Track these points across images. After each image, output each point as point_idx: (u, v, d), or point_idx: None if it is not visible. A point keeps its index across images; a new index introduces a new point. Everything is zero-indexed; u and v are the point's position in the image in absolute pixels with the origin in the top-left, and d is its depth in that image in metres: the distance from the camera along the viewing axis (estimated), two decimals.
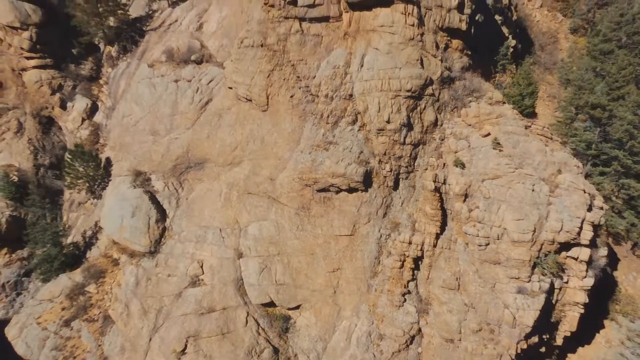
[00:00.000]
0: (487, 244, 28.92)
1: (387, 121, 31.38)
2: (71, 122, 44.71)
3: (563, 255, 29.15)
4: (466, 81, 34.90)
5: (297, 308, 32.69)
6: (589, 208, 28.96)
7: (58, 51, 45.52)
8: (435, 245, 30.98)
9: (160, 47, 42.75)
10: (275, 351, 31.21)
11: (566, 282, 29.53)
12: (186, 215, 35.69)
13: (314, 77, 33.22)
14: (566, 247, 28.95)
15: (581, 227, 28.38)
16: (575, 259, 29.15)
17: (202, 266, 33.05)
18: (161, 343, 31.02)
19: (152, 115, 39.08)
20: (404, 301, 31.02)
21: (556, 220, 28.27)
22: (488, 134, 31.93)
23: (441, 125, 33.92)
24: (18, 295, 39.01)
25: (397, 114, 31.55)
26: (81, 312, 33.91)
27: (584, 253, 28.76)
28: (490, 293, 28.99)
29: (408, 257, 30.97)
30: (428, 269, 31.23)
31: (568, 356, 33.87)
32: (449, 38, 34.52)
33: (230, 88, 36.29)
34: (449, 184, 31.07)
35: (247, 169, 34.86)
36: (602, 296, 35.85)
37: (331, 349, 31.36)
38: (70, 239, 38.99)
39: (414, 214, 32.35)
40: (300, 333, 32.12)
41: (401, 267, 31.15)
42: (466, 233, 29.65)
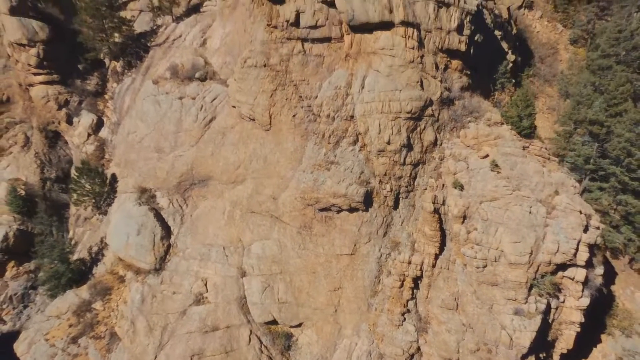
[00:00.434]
0: (485, 266, 29.42)
1: (388, 142, 31.98)
2: (77, 137, 45.47)
3: (559, 275, 29.54)
4: (465, 101, 35.32)
5: (299, 326, 33.33)
6: (585, 229, 29.34)
7: (65, 67, 46.20)
8: (434, 265, 31.51)
9: (164, 63, 43.34)
10: None
11: (562, 302, 29.98)
12: (190, 232, 36.39)
13: (316, 97, 33.80)
14: (562, 268, 29.35)
15: (577, 249, 28.75)
16: (571, 279, 29.56)
17: (206, 284, 33.74)
18: None
19: (157, 132, 39.74)
20: (404, 320, 31.50)
21: (552, 242, 28.69)
22: (486, 156, 32.37)
23: (440, 144, 34.44)
24: (25, 307, 39.91)
25: (398, 135, 32.14)
26: (88, 329, 34.52)
27: (580, 273, 29.20)
28: (487, 314, 29.52)
29: (407, 277, 31.50)
30: (427, 289, 31.76)
31: None
32: (449, 59, 34.85)
33: (233, 107, 36.77)
34: (448, 205, 31.58)
35: (250, 188, 35.45)
36: (599, 310, 36.10)
37: None
38: (76, 255, 39.70)
39: (414, 234, 32.86)
40: (302, 351, 32.77)
41: (401, 287, 31.68)
42: (464, 255, 30.15)
